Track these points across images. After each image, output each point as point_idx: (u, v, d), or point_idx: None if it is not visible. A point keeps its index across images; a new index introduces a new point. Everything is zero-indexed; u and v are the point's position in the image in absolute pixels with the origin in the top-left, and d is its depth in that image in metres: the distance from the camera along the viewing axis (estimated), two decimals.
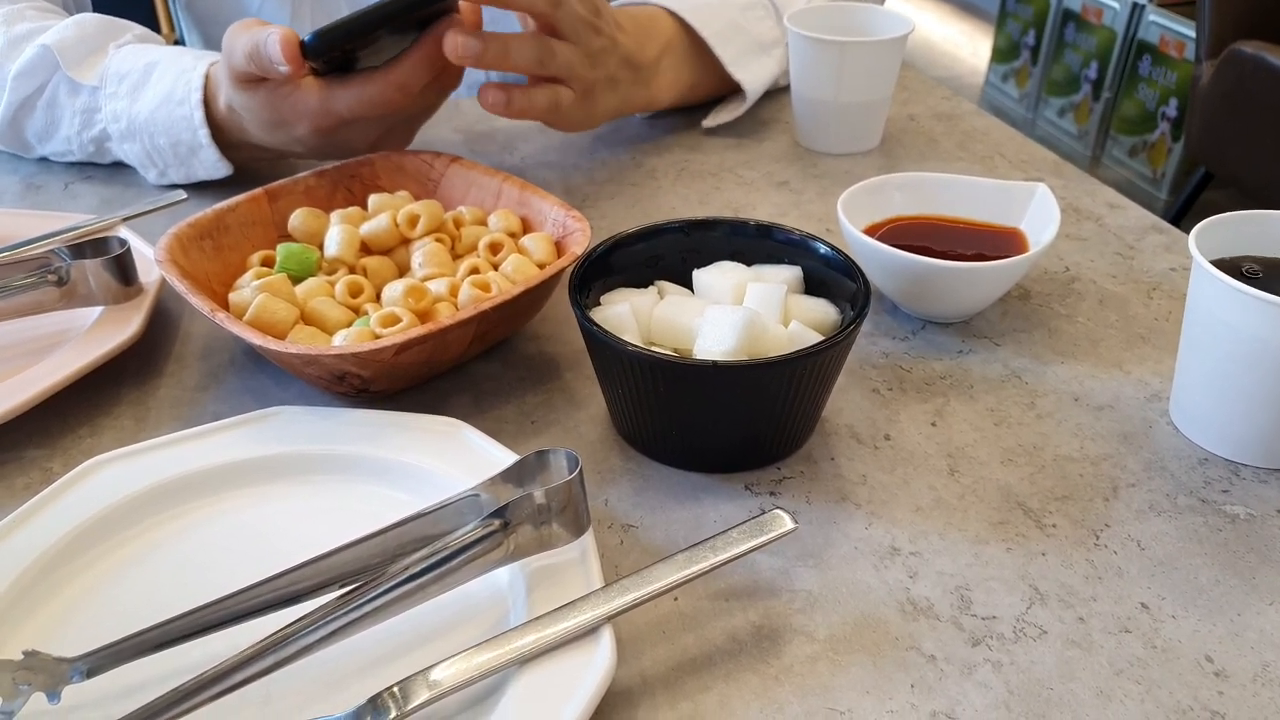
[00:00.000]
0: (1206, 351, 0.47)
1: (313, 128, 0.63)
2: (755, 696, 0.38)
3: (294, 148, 0.68)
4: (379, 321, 0.50)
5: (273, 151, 0.71)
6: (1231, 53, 1.78)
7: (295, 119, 0.63)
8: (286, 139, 0.66)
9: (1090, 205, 0.72)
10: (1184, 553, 0.44)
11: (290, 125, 0.64)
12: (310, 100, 0.62)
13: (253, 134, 0.67)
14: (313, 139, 0.65)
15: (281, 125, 0.64)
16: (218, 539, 0.44)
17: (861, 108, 0.78)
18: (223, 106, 0.67)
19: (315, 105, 0.62)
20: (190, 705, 0.34)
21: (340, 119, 0.63)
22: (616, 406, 0.50)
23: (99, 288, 0.56)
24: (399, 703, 0.35)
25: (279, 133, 0.65)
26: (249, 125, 0.67)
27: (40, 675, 0.35)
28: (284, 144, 0.67)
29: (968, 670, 0.39)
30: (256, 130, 0.66)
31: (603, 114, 0.74)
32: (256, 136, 0.67)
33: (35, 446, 0.50)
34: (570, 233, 0.56)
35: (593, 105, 0.71)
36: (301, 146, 0.67)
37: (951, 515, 0.46)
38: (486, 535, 0.39)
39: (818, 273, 0.52)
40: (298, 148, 0.67)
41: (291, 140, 0.66)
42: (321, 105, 0.62)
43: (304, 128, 0.64)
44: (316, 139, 0.65)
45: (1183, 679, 0.38)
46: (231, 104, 0.66)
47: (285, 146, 0.68)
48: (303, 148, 0.67)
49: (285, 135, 0.65)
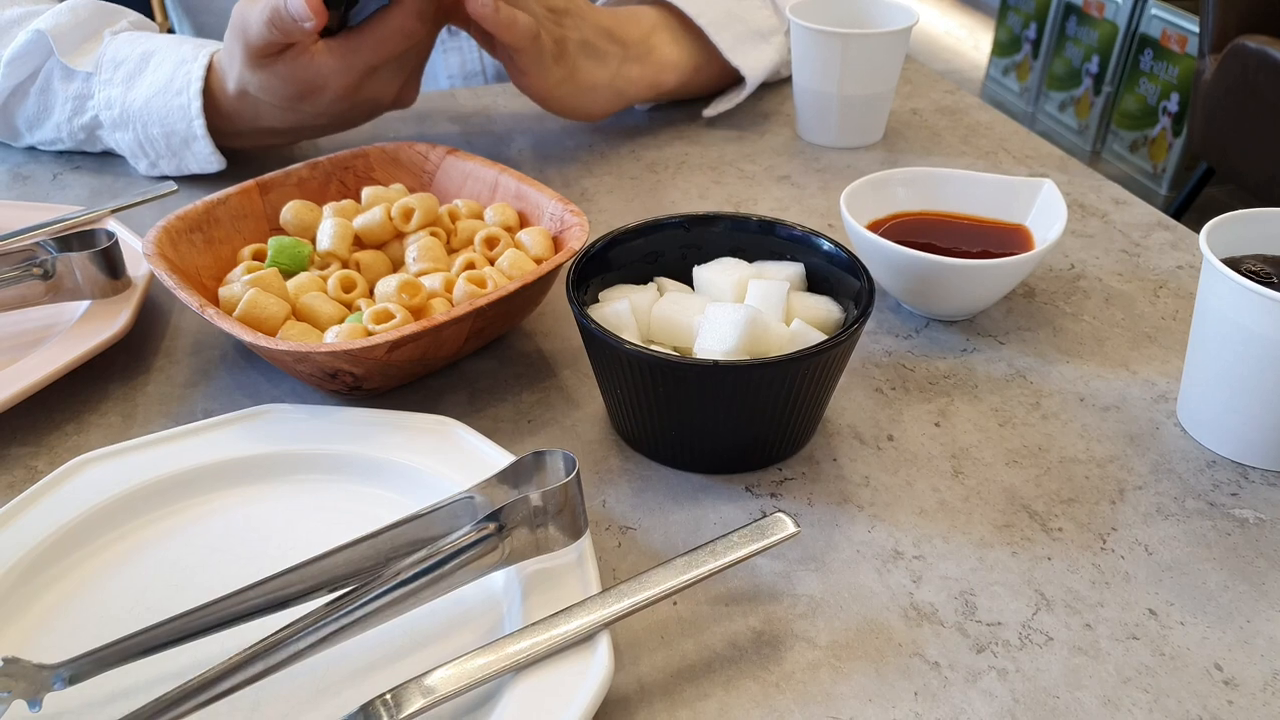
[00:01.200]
0: (1216, 352, 0.47)
1: (339, 89, 0.63)
2: (755, 704, 0.37)
3: (315, 121, 0.67)
4: (372, 318, 0.49)
5: (286, 135, 0.71)
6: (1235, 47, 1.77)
7: (320, 84, 0.63)
8: (310, 111, 0.65)
9: (1095, 202, 0.71)
10: (1192, 557, 0.43)
11: (315, 94, 0.64)
12: (331, 60, 0.62)
13: (269, 117, 0.67)
14: (337, 103, 0.65)
15: (305, 96, 0.64)
16: (206, 540, 0.43)
17: (864, 101, 0.77)
18: (233, 93, 0.66)
19: (338, 63, 0.62)
20: (177, 713, 0.33)
21: (364, 71, 0.63)
22: (615, 406, 0.49)
23: (86, 281, 0.55)
24: (391, 711, 0.34)
25: (303, 105, 0.65)
26: (268, 107, 0.66)
27: (20, 683, 0.34)
28: (305, 119, 0.66)
29: (972, 678, 0.38)
30: (277, 110, 0.66)
31: (590, 85, 0.73)
32: (274, 119, 0.67)
33: (20, 444, 0.49)
34: (568, 227, 0.55)
35: (572, 67, 0.70)
36: (325, 118, 0.66)
37: (955, 518, 0.45)
38: (481, 539, 0.38)
39: (820, 270, 0.51)
40: (320, 120, 0.67)
41: (315, 112, 0.65)
42: (344, 61, 0.62)
43: (329, 93, 0.63)
44: (341, 103, 0.65)
45: (1192, 687, 0.38)
46: (247, 88, 0.65)
47: (305, 122, 0.67)
48: (326, 119, 0.67)
49: (309, 108, 0.65)
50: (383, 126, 0.81)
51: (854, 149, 0.79)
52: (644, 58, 0.77)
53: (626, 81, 0.76)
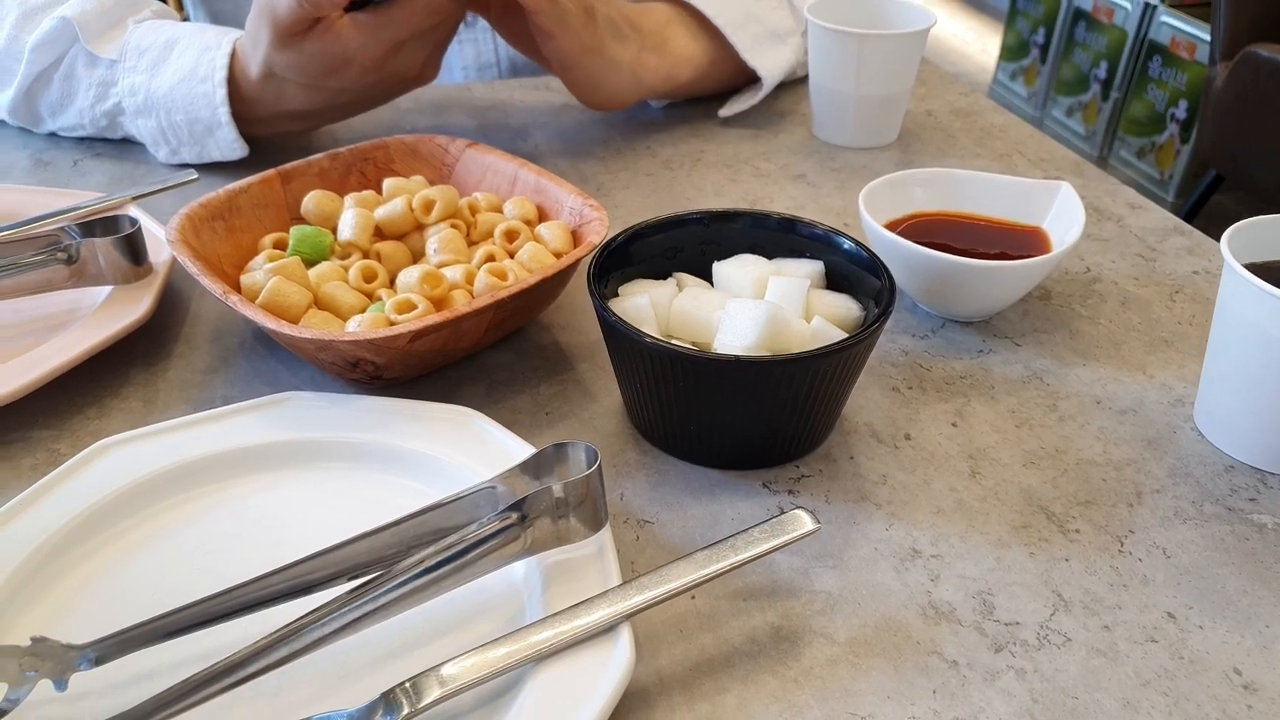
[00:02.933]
0: (1236, 357, 0.47)
1: (366, 63, 0.64)
2: (774, 699, 0.37)
3: (340, 99, 0.68)
4: (394, 308, 0.49)
5: (309, 120, 0.71)
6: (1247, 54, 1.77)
7: (347, 60, 0.64)
8: (336, 88, 0.66)
9: (1111, 206, 0.71)
10: (1211, 562, 0.43)
11: (342, 70, 0.65)
12: (359, 35, 0.63)
13: (294, 98, 0.67)
14: (364, 78, 0.66)
15: (333, 71, 0.65)
16: (228, 525, 0.43)
17: (880, 101, 0.77)
18: (257, 77, 0.67)
19: (365, 38, 0.63)
20: (202, 696, 0.34)
21: (391, 45, 0.64)
22: (633, 400, 0.49)
23: (108, 267, 0.55)
24: (411, 699, 0.34)
25: (330, 82, 0.66)
26: (294, 87, 0.67)
27: (47, 662, 0.35)
28: (331, 98, 0.67)
29: (991, 677, 0.38)
30: (302, 90, 0.67)
31: (614, 60, 0.72)
32: (299, 99, 0.68)
33: (43, 427, 0.49)
34: (588, 221, 0.55)
35: (601, 37, 0.70)
36: (351, 94, 0.67)
37: (973, 518, 0.45)
38: (504, 528, 0.38)
39: (840, 268, 0.51)
40: (345, 97, 0.68)
41: (341, 89, 0.66)
42: (371, 36, 0.63)
43: (356, 67, 0.64)
44: (367, 77, 0.66)
45: (1211, 691, 0.38)
46: (273, 69, 0.66)
47: (331, 101, 0.68)
48: (351, 95, 0.68)
49: (335, 83, 0.66)
50: (400, 119, 0.82)
51: (869, 149, 0.79)
52: (660, 48, 0.77)
53: (645, 69, 0.76)
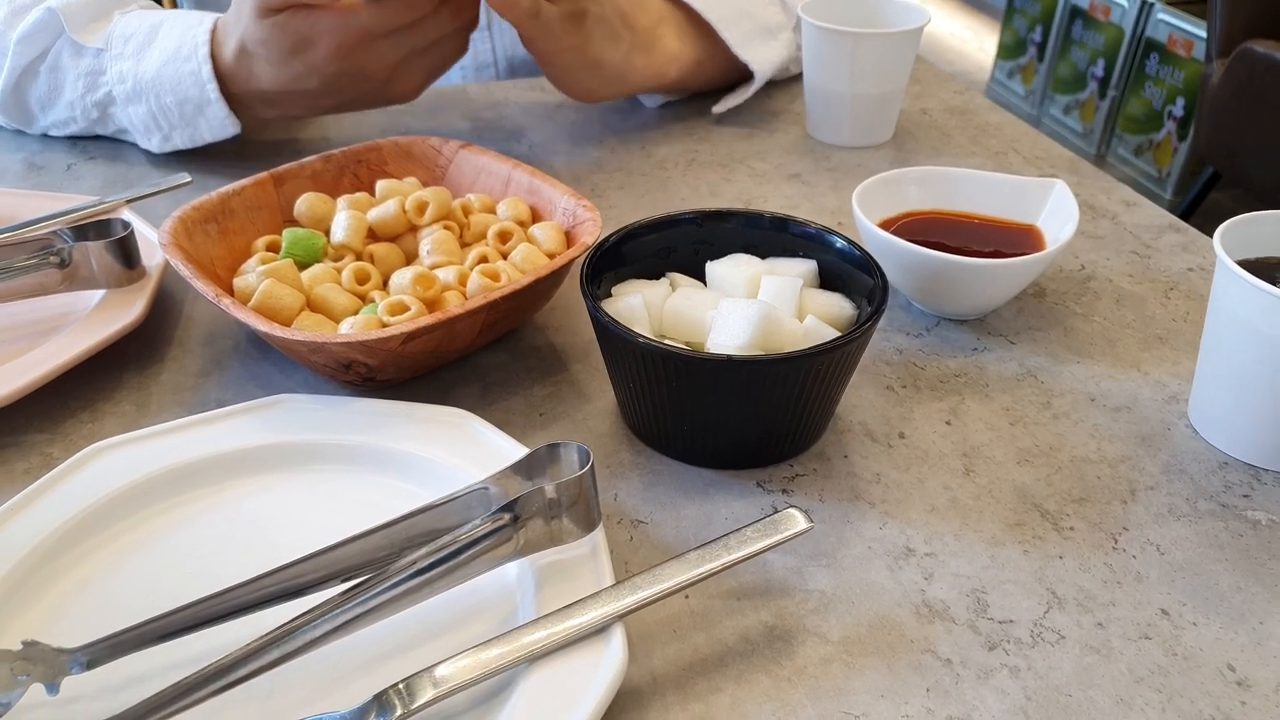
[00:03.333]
0: (1229, 354, 0.47)
1: (333, 47, 0.64)
2: (768, 698, 0.37)
3: (307, 82, 0.67)
4: (387, 309, 0.49)
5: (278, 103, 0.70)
6: (1243, 51, 1.77)
7: (316, 38, 0.64)
8: (302, 69, 0.66)
9: (1106, 203, 0.71)
10: (1204, 558, 0.43)
11: (309, 49, 0.64)
12: (329, 17, 0.63)
13: (264, 75, 0.67)
14: (331, 63, 0.65)
15: (299, 50, 0.65)
16: (220, 528, 0.43)
17: (874, 100, 0.77)
18: (231, 53, 0.67)
19: (335, 20, 0.63)
20: (194, 699, 0.34)
21: (360, 33, 0.64)
22: (627, 400, 0.49)
23: (101, 270, 0.55)
24: (405, 700, 0.34)
25: (295, 61, 0.65)
26: (262, 63, 0.66)
27: (39, 666, 0.35)
28: (297, 78, 0.67)
29: (984, 675, 0.38)
30: (271, 66, 0.66)
31: (597, 62, 0.72)
32: (267, 77, 0.67)
33: (36, 431, 0.49)
34: (581, 222, 0.55)
35: (584, 40, 0.70)
36: (317, 77, 0.66)
37: (967, 516, 0.45)
38: (496, 529, 0.38)
39: (833, 267, 0.51)
40: (312, 80, 0.67)
41: (307, 70, 0.66)
42: (341, 19, 0.63)
43: (324, 48, 0.64)
44: (334, 62, 0.65)
45: (1204, 688, 0.38)
46: (245, 43, 0.66)
47: (296, 84, 0.67)
48: (318, 78, 0.67)
49: (301, 64, 0.65)
50: (394, 120, 0.82)
51: (864, 148, 0.79)
52: (650, 47, 0.77)
53: (631, 68, 0.76)
